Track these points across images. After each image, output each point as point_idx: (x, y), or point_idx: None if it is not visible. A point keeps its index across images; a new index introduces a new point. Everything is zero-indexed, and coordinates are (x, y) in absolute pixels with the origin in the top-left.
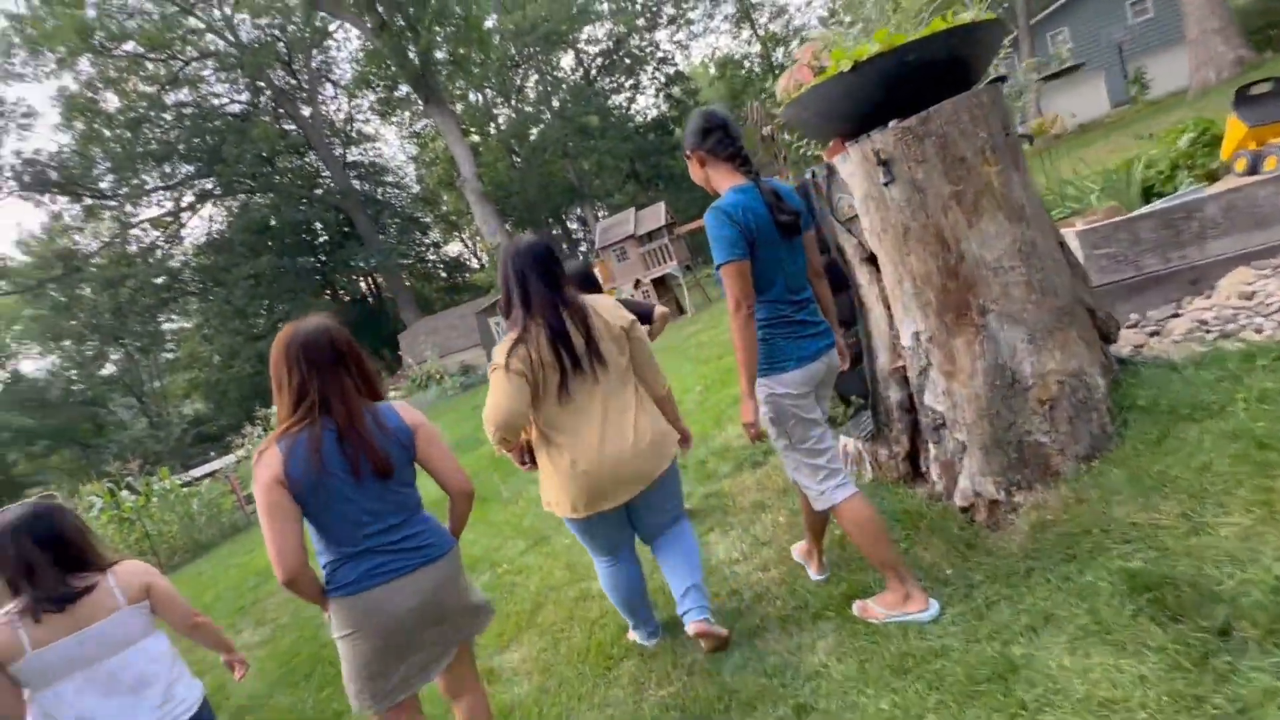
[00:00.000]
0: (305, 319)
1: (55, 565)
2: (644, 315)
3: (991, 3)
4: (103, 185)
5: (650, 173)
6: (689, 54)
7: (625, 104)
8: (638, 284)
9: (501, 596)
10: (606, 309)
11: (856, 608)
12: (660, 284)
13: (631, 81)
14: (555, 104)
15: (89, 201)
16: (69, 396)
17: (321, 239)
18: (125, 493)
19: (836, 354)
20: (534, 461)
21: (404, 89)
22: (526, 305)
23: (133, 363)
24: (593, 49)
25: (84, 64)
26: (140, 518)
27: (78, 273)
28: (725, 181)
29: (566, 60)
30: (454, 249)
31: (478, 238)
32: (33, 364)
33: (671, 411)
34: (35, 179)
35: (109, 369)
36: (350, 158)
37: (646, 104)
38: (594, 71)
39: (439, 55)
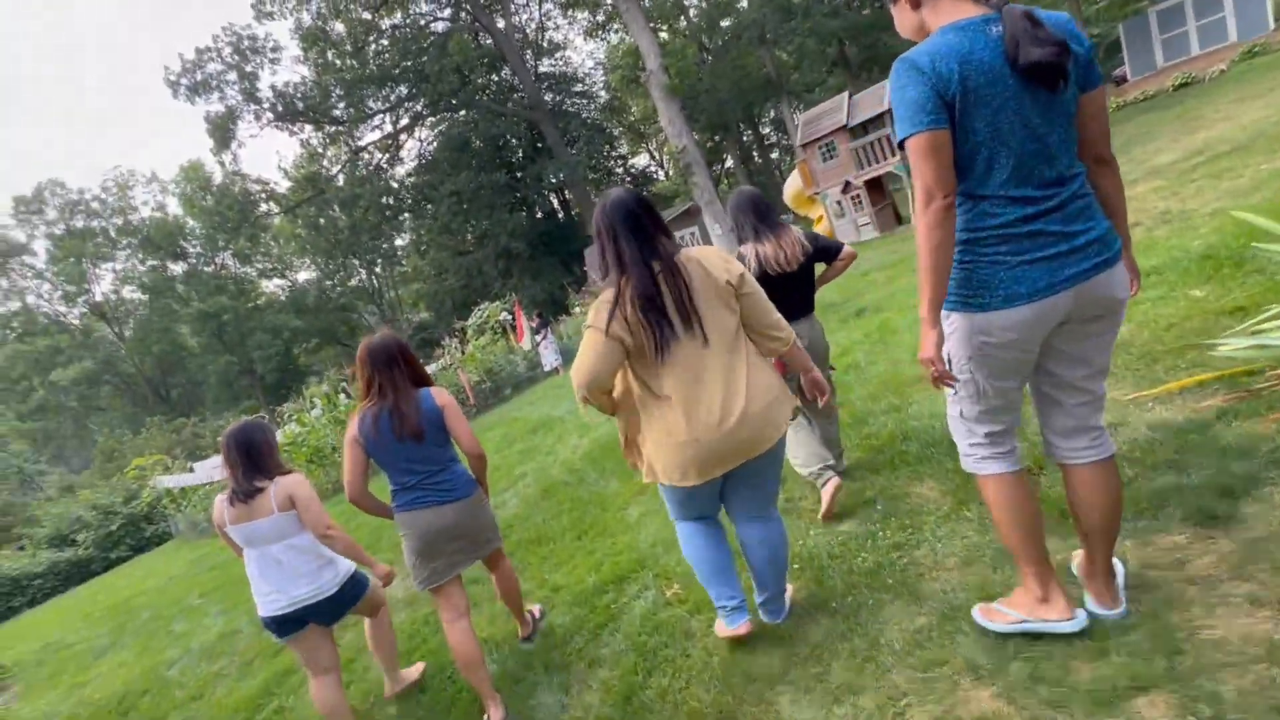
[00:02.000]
0: (376, 334)
1: (246, 467)
2: (829, 252)
3: None
4: (335, 112)
5: (864, 55)
6: None
7: None
8: (847, 187)
9: None
10: (712, 261)
11: (977, 613)
12: (875, 187)
13: None
14: None
15: (328, 128)
16: (328, 303)
17: (515, 154)
18: (343, 396)
19: (1116, 279)
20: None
21: None
22: (619, 264)
23: (372, 274)
24: None
25: None
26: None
27: (323, 194)
28: (945, 18)
29: None
30: (641, 161)
31: (664, 145)
32: (304, 275)
33: (803, 360)
34: (286, 109)
35: (356, 280)
36: (541, 69)
37: None
38: None
39: None
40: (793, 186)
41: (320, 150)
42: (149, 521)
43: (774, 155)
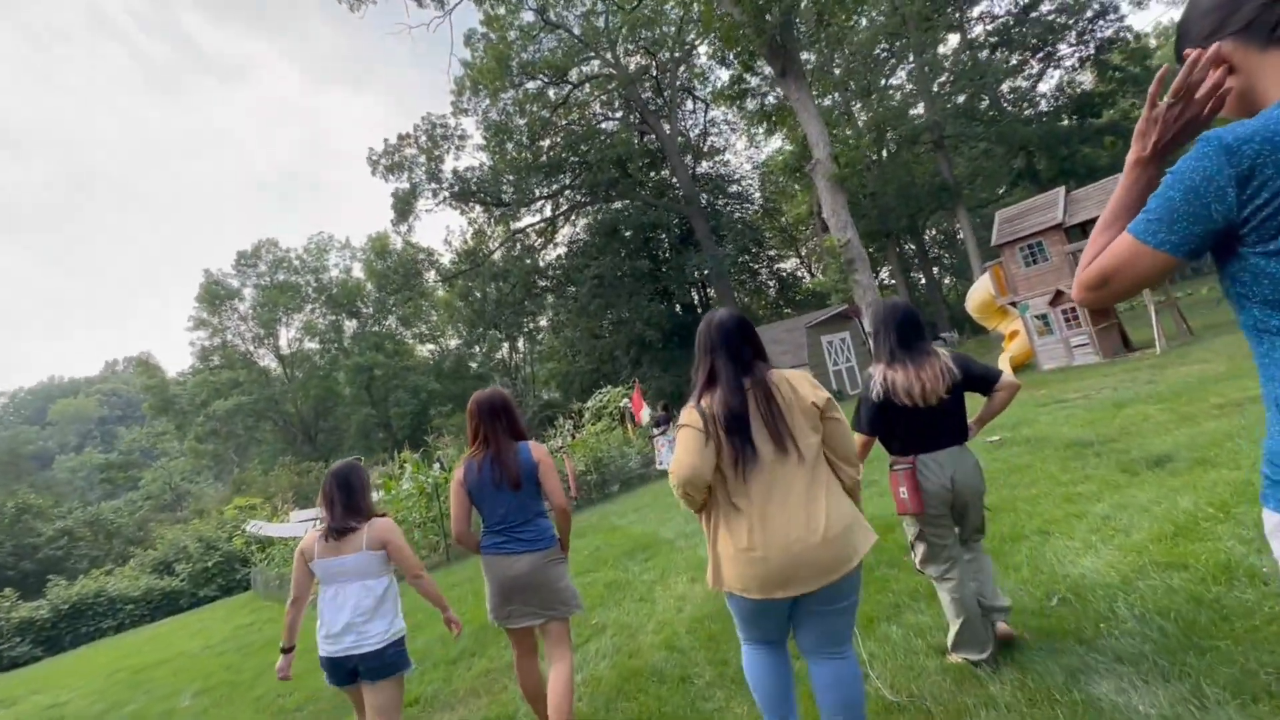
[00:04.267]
0: (484, 389)
1: (343, 505)
2: (984, 381)
3: None
4: (503, 195)
5: (1055, 170)
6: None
7: (1028, 85)
8: (1057, 298)
9: None
10: (800, 384)
11: None
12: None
13: (1041, 55)
14: (934, 88)
15: (494, 209)
16: (466, 371)
17: (662, 245)
18: (436, 466)
19: None
20: None
21: (755, 79)
22: (710, 380)
23: (512, 349)
24: (984, 26)
25: (503, 97)
26: (437, 494)
27: (478, 268)
28: None
29: (950, 43)
30: (788, 265)
31: (814, 252)
32: (454, 343)
33: (858, 497)
34: (462, 190)
35: (499, 354)
36: (699, 170)
37: (1059, 82)
38: (984, 53)
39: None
40: (980, 293)
41: (484, 229)
42: (244, 564)
43: (935, 271)
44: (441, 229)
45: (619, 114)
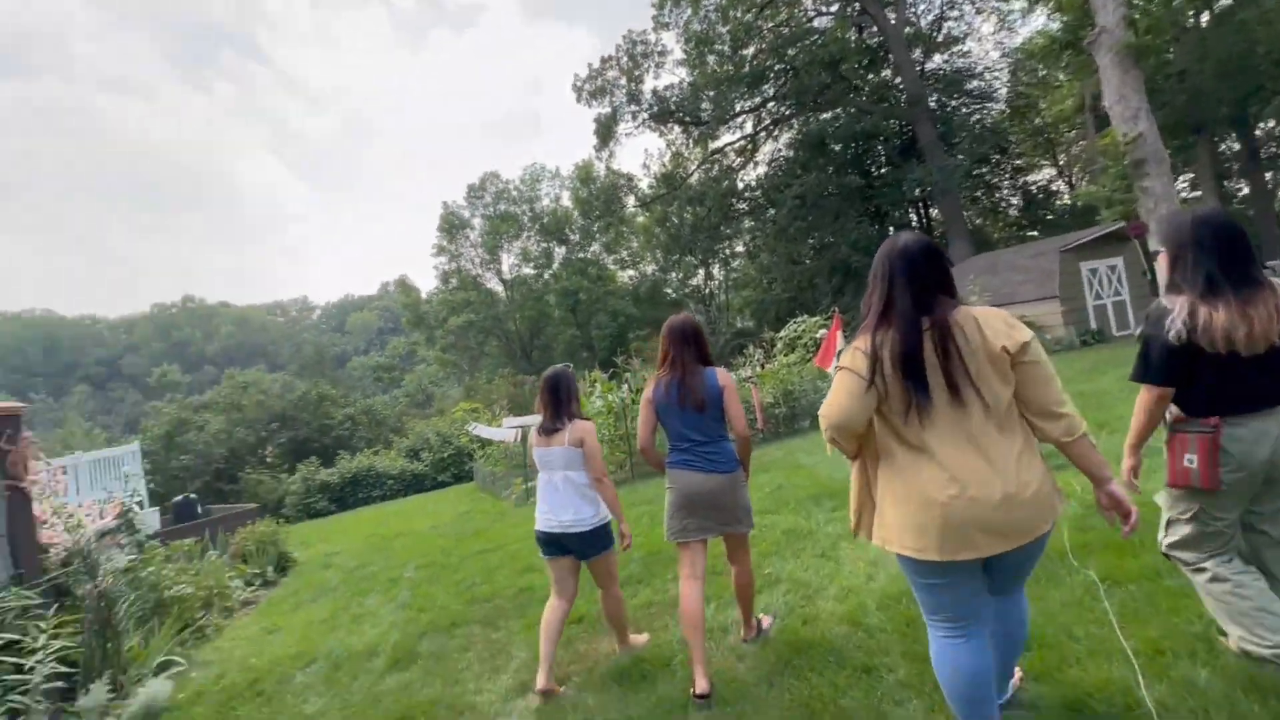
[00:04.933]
0: (678, 315)
1: (553, 406)
2: None
3: None
4: (702, 113)
5: None
6: None
7: None
8: None
9: None
10: (993, 324)
11: None
12: None
13: None
14: None
15: (692, 129)
16: (662, 297)
17: (877, 158)
18: (624, 387)
19: None
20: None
21: None
22: (884, 313)
23: (707, 275)
24: None
25: (705, 4)
26: (624, 414)
27: (674, 193)
28: None
29: None
30: (1039, 177)
31: (1078, 158)
32: (651, 269)
33: (1095, 461)
34: (661, 110)
35: (695, 280)
36: (929, 66)
37: None
38: None
39: None
40: None
41: (681, 151)
42: (469, 458)
43: (1267, 178)
44: (640, 154)
45: (834, 6)
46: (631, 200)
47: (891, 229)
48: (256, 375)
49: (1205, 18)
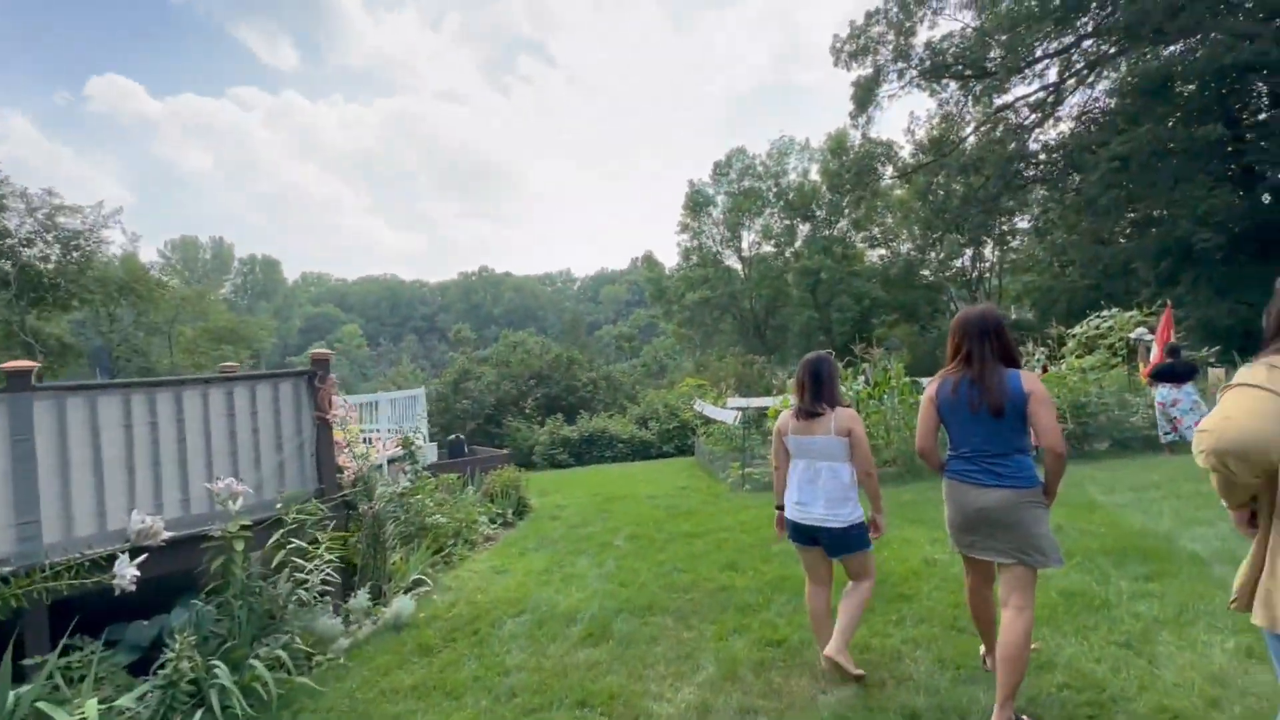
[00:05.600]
0: (974, 306)
1: (813, 390)
2: None
3: None
4: (988, 63)
5: None
6: None
7: None
8: None
9: None
10: None
11: None
12: None
13: None
14: None
15: (973, 84)
16: (916, 279)
17: (1252, 101)
18: (861, 379)
19: None
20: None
21: None
22: None
23: (977, 255)
24: None
25: None
26: (858, 408)
27: (943, 160)
28: None
29: None
30: None
31: None
32: (908, 247)
33: None
34: (934, 65)
35: (959, 260)
36: None
37: None
38: None
39: None
40: None
41: (955, 112)
42: (693, 432)
43: None
44: (903, 119)
45: None
46: (889, 171)
47: (1268, 196)
48: (525, 336)
49: None
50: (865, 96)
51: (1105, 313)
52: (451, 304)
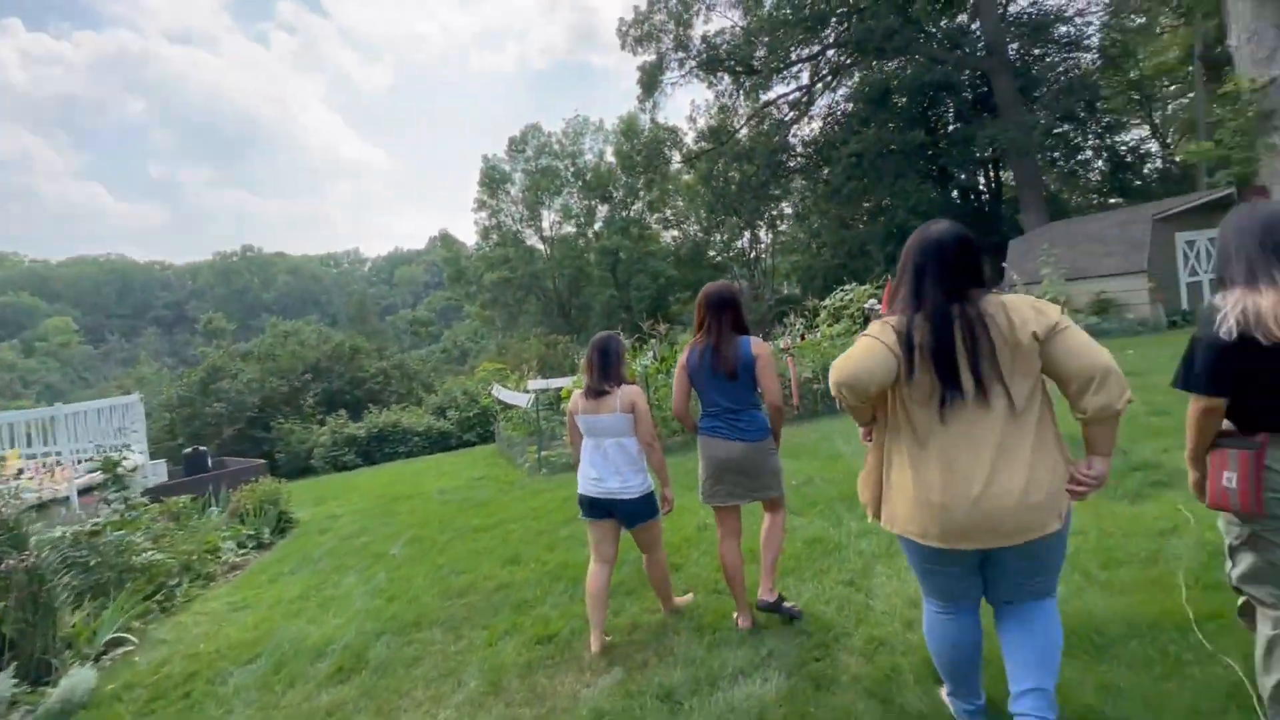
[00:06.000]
0: (715, 282)
1: (601, 370)
2: None
3: None
4: (755, 61)
5: None
6: None
7: None
8: None
9: None
10: (1021, 311)
11: None
12: None
13: None
14: None
15: (743, 79)
16: (703, 259)
17: (945, 112)
18: (650, 355)
19: None
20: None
21: None
22: (917, 303)
23: (754, 237)
24: None
25: None
26: (647, 384)
27: (721, 148)
28: None
29: None
30: (1130, 137)
31: (1174, 117)
32: (694, 229)
33: (1108, 439)
34: (710, 58)
35: (739, 242)
36: (1012, 8)
37: None
38: None
39: None
40: None
41: (730, 103)
42: (494, 418)
43: None
44: (687, 107)
45: None
46: (676, 156)
47: (956, 192)
48: (299, 325)
49: None
50: (651, 82)
51: (846, 287)
52: (206, 289)
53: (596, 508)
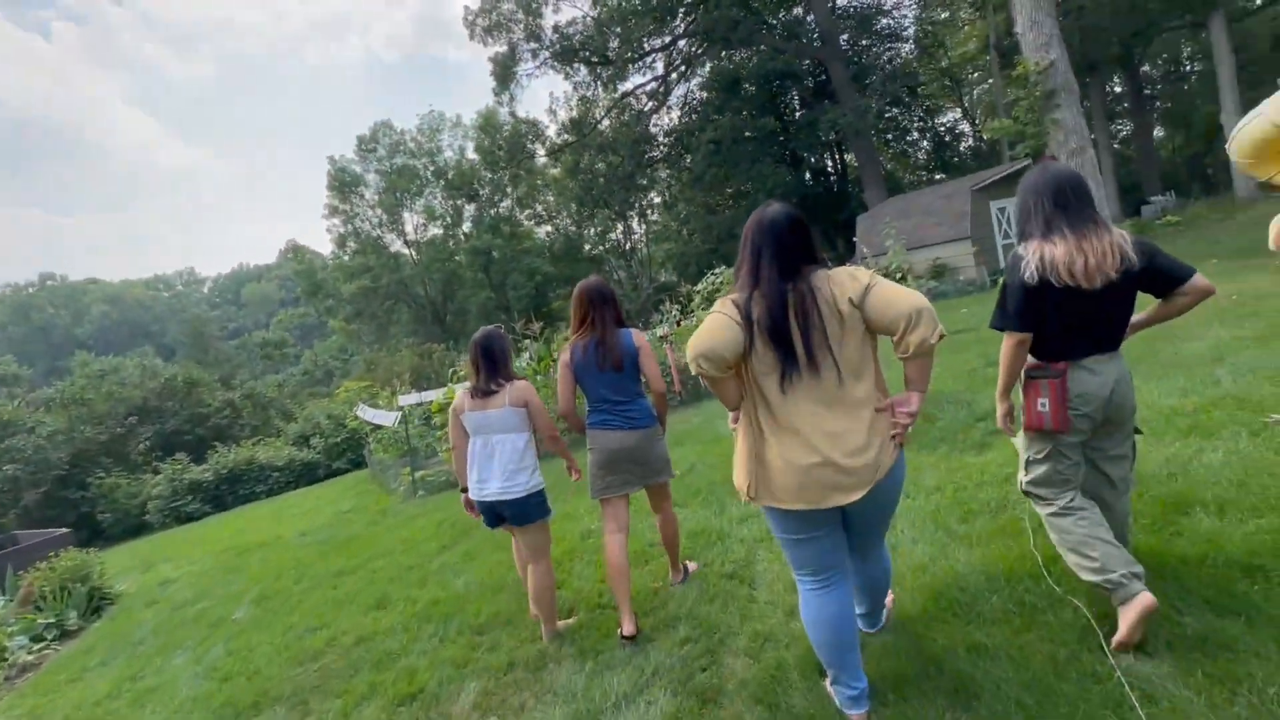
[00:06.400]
0: (590, 278)
1: (488, 369)
2: (1168, 279)
3: None
4: (609, 52)
5: None
6: None
7: None
8: None
9: None
10: (840, 281)
11: None
12: None
13: None
14: None
15: (600, 70)
16: (578, 252)
17: (792, 100)
18: (525, 356)
19: None
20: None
21: None
22: (754, 281)
23: (627, 228)
24: None
25: None
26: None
27: (584, 140)
28: None
29: None
30: (947, 120)
31: (983, 100)
32: (566, 222)
33: (924, 374)
34: (564, 49)
35: (613, 234)
36: (841, 2)
37: None
38: None
39: None
40: (1259, 125)
41: (590, 94)
42: (364, 442)
43: (1154, 116)
44: (546, 98)
45: None
46: (540, 149)
47: (808, 174)
48: (118, 361)
49: None
50: (505, 74)
51: (717, 270)
52: None
53: (489, 513)
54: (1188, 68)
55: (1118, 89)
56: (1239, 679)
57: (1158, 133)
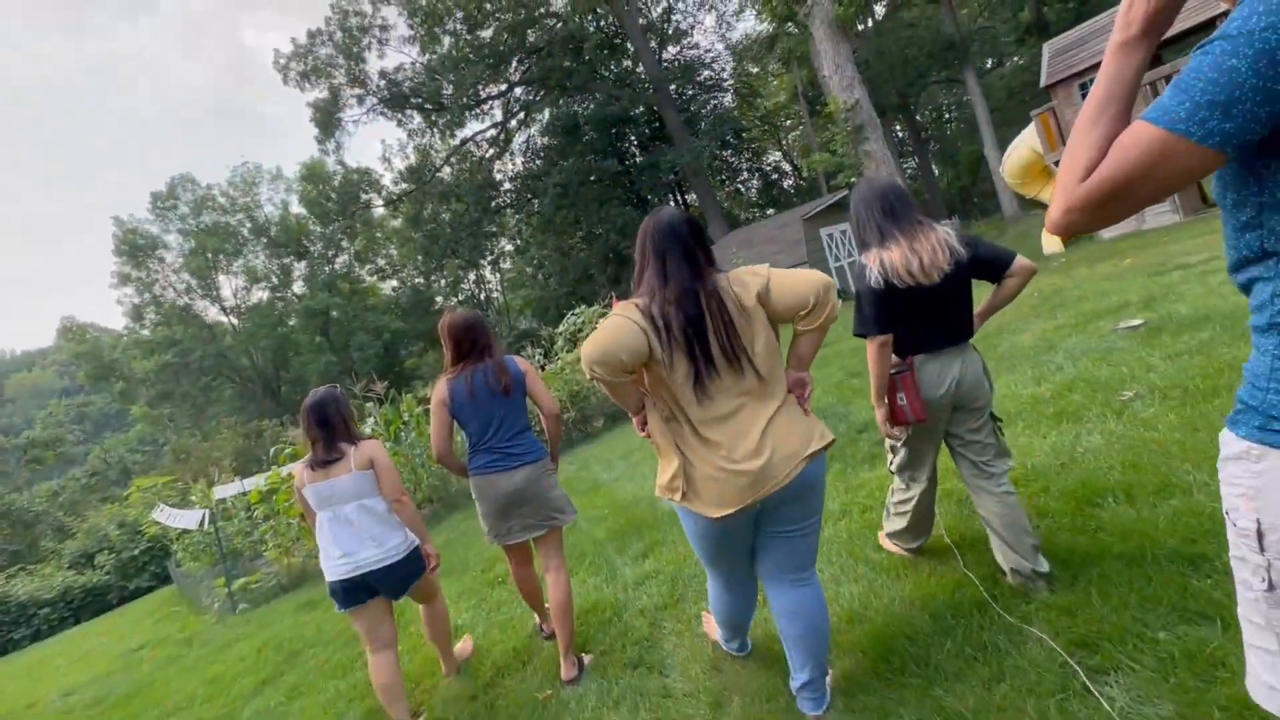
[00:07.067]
0: (457, 311)
1: (326, 439)
2: (993, 265)
3: None
4: (443, 99)
5: (1070, 17)
6: None
7: None
8: None
9: None
10: (743, 280)
11: None
12: None
13: None
14: None
15: (435, 116)
16: (429, 305)
17: (631, 143)
18: (370, 421)
19: None
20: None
21: None
22: (664, 282)
23: (479, 277)
24: None
25: None
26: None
27: (424, 188)
28: None
29: None
30: (770, 160)
31: (798, 141)
32: (414, 274)
33: (812, 349)
34: (393, 95)
35: (465, 284)
36: (666, 56)
37: None
38: None
39: None
40: (1021, 153)
41: (425, 142)
42: (168, 551)
43: (933, 149)
44: (379, 145)
45: None
46: (377, 199)
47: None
48: None
49: (881, 10)
50: (327, 120)
51: (576, 311)
52: None
53: (356, 592)
54: (948, 115)
55: (901, 134)
56: (1249, 705)
57: (934, 169)
